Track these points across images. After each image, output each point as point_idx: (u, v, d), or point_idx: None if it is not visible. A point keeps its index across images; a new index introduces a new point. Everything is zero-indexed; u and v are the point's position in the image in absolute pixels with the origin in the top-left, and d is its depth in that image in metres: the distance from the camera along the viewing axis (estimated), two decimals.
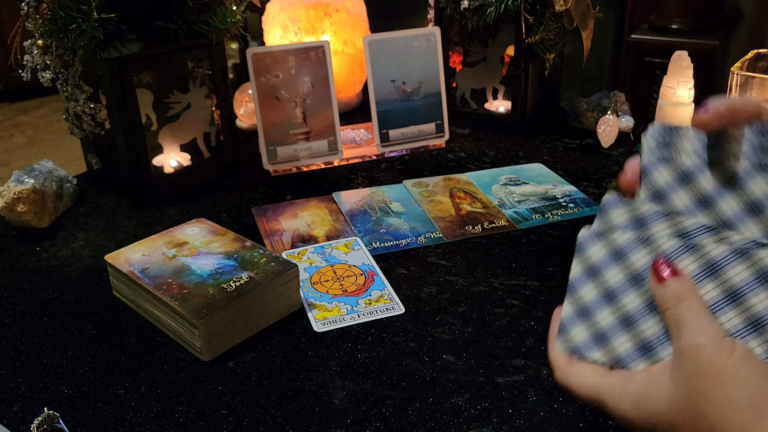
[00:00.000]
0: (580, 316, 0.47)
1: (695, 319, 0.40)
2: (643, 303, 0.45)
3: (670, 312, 0.42)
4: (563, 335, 0.47)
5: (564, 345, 0.47)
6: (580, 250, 0.48)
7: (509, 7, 1.02)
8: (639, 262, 0.45)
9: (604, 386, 0.44)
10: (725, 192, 0.43)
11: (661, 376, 0.41)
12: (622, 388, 0.42)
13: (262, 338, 0.65)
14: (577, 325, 0.47)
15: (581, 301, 0.47)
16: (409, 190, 0.94)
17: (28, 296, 0.73)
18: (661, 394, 0.40)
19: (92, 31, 0.80)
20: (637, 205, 0.46)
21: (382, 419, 0.54)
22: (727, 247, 0.42)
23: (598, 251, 0.47)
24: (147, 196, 0.93)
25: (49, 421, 0.54)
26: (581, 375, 0.45)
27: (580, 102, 1.13)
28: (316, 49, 1.00)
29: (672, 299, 0.42)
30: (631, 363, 0.44)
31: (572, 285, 0.48)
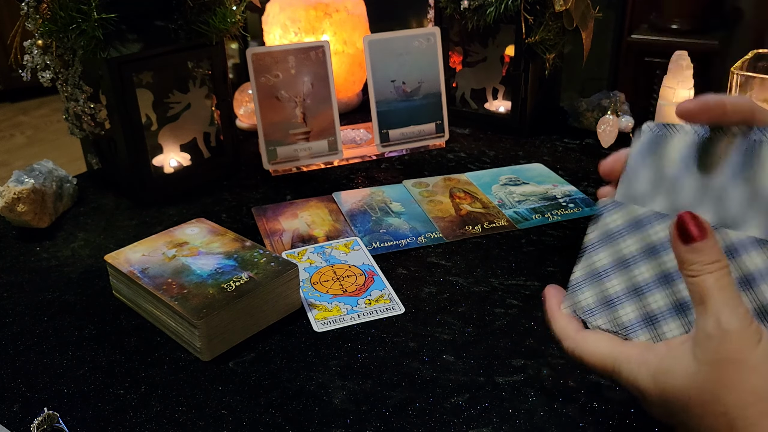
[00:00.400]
0: (591, 281, 0.47)
1: (722, 296, 0.38)
2: (653, 276, 0.44)
3: (696, 280, 0.39)
4: (572, 297, 0.47)
5: (570, 307, 0.47)
6: (599, 215, 0.48)
7: (509, 7, 1.02)
8: (656, 236, 0.45)
9: (622, 355, 0.43)
10: (704, 202, 0.43)
11: (683, 352, 0.40)
12: (641, 358, 0.41)
13: (262, 338, 0.65)
14: (587, 290, 0.47)
15: (594, 266, 0.47)
16: (409, 190, 0.94)
17: (28, 296, 0.73)
18: (682, 370, 0.39)
19: (92, 31, 0.80)
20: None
21: (382, 419, 0.54)
22: (747, 236, 0.42)
23: (617, 219, 0.47)
24: (147, 196, 0.93)
25: (49, 421, 0.54)
26: (595, 343, 0.44)
27: (580, 102, 1.13)
28: (316, 49, 1.00)
29: (698, 267, 0.40)
30: (632, 333, 0.45)
31: (587, 249, 0.48)
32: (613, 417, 0.54)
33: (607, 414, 0.54)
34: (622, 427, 0.53)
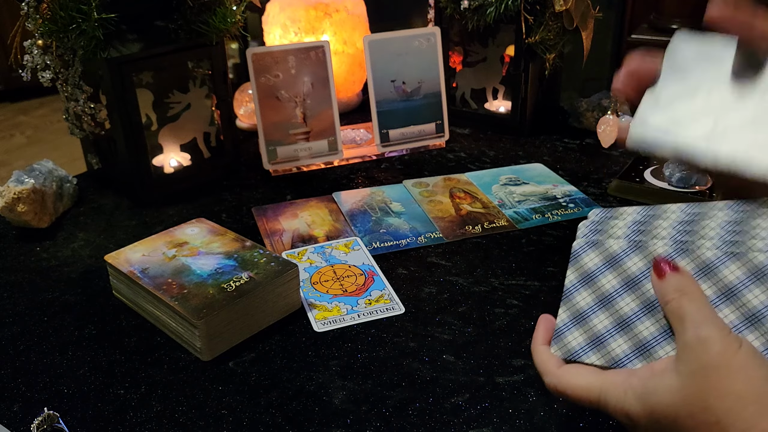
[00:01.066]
0: (576, 322, 0.47)
1: (699, 311, 0.40)
2: (639, 305, 0.45)
3: (672, 305, 0.41)
4: (558, 341, 0.47)
5: (560, 350, 0.47)
6: (574, 258, 0.49)
7: (509, 7, 1.02)
8: (634, 267, 0.46)
9: (606, 383, 0.43)
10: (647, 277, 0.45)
11: (665, 370, 0.40)
12: (626, 384, 0.42)
13: (262, 338, 0.65)
14: (573, 331, 0.47)
15: (576, 307, 0.48)
16: (409, 190, 0.94)
17: (28, 296, 0.73)
18: (667, 387, 0.39)
19: (92, 31, 0.80)
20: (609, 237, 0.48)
21: (382, 419, 0.54)
22: (718, 251, 0.43)
23: (593, 259, 0.48)
24: (147, 196, 0.93)
25: (49, 421, 0.54)
26: (577, 376, 0.45)
27: (580, 102, 1.13)
28: (316, 49, 1.00)
29: (673, 292, 0.41)
30: (629, 363, 0.45)
31: (567, 292, 0.48)
32: (613, 417, 0.54)
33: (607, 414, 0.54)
34: (622, 427, 0.53)
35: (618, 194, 0.90)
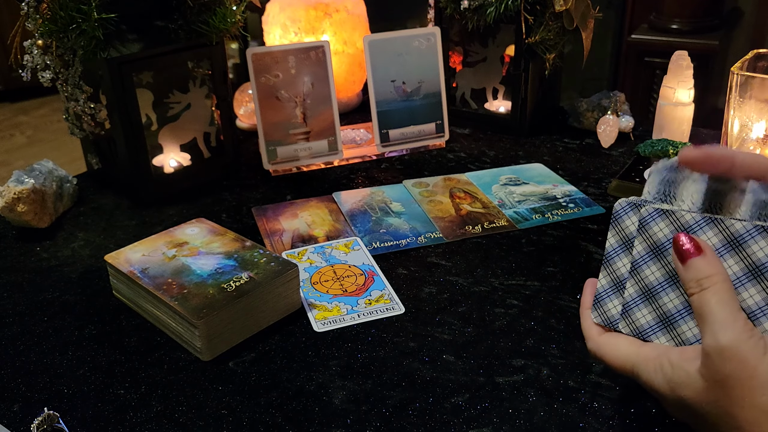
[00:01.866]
0: (616, 289, 0.47)
1: (719, 310, 0.39)
2: (663, 276, 0.44)
3: (694, 298, 0.41)
4: (598, 307, 0.48)
5: (599, 317, 0.47)
6: (616, 219, 0.47)
7: (509, 7, 1.02)
8: (660, 233, 0.44)
9: (640, 359, 0.44)
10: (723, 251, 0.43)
11: (691, 367, 0.40)
12: (657, 364, 0.42)
13: (262, 338, 0.65)
14: (613, 298, 0.47)
15: (617, 273, 0.47)
16: (409, 190, 0.94)
17: (28, 296, 0.73)
18: (693, 384, 0.40)
19: (92, 31, 0.80)
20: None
21: (382, 419, 0.54)
22: (748, 223, 0.41)
23: (633, 222, 0.46)
24: (147, 196, 0.93)
25: (49, 421, 0.54)
26: (615, 346, 0.46)
27: (580, 102, 1.13)
28: (316, 49, 1.00)
29: (694, 284, 0.40)
30: (653, 335, 0.45)
31: (608, 256, 0.48)
32: (613, 417, 0.54)
33: (607, 414, 0.54)
34: (622, 427, 0.53)
35: (618, 194, 0.90)
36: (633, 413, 0.54)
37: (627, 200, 0.47)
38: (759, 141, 0.94)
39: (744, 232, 0.41)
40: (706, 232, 0.42)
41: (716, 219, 0.42)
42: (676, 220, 0.44)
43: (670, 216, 0.44)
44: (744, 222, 0.41)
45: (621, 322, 0.46)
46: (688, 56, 1.02)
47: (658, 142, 1.00)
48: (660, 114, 1.04)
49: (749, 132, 0.94)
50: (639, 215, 0.46)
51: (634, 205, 0.46)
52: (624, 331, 0.46)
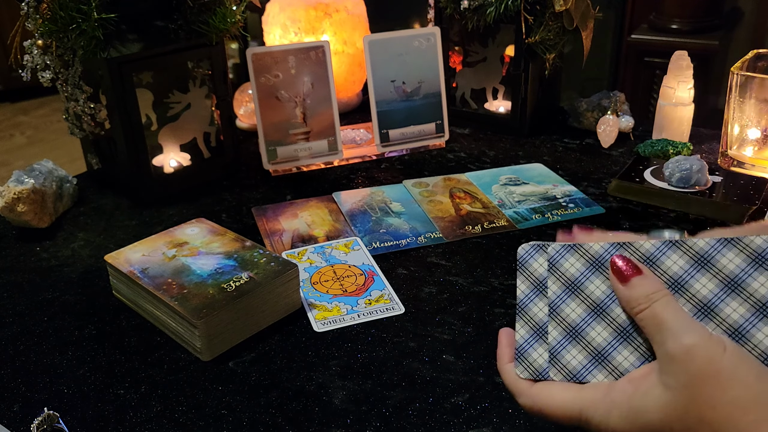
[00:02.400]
0: (537, 336, 0.44)
1: (675, 317, 0.38)
2: (585, 310, 0.43)
3: (645, 314, 0.39)
4: (522, 360, 0.44)
5: (526, 371, 0.44)
6: (522, 265, 0.46)
7: (509, 7, 1.02)
8: (572, 269, 0.44)
9: (585, 402, 0.40)
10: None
11: (649, 385, 0.38)
12: (607, 402, 0.39)
13: (262, 338, 0.65)
14: (536, 347, 0.44)
15: (534, 320, 0.45)
16: (409, 190, 0.94)
17: (28, 296, 0.73)
18: (655, 403, 0.37)
19: (92, 31, 0.80)
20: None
21: (382, 419, 0.54)
22: (657, 242, 0.41)
23: (541, 264, 0.45)
24: (147, 196, 0.93)
25: (49, 421, 0.54)
26: (552, 394, 0.42)
27: (580, 102, 1.13)
28: (316, 49, 1.00)
29: (643, 299, 0.40)
30: (588, 375, 0.42)
31: (522, 304, 0.45)
32: None
33: None
34: None
35: (618, 194, 0.90)
36: None
37: (530, 244, 0.45)
38: (759, 141, 0.94)
39: (709, 248, 0.40)
40: (670, 256, 0.41)
41: (624, 244, 0.42)
42: (585, 252, 0.43)
43: (578, 249, 0.43)
44: (706, 239, 0.40)
45: (551, 369, 0.43)
46: (688, 56, 1.02)
47: (658, 142, 1.00)
48: (660, 114, 1.04)
49: (749, 132, 0.94)
50: (546, 255, 0.45)
51: (538, 247, 0.45)
52: (556, 378, 0.43)
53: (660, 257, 0.41)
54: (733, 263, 0.39)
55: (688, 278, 0.40)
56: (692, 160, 0.87)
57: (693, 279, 0.40)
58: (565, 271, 0.44)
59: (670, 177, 0.87)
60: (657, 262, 0.41)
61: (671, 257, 0.41)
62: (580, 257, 0.44)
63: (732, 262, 0.39)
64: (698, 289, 0.40)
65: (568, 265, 0.44)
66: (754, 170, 0.92)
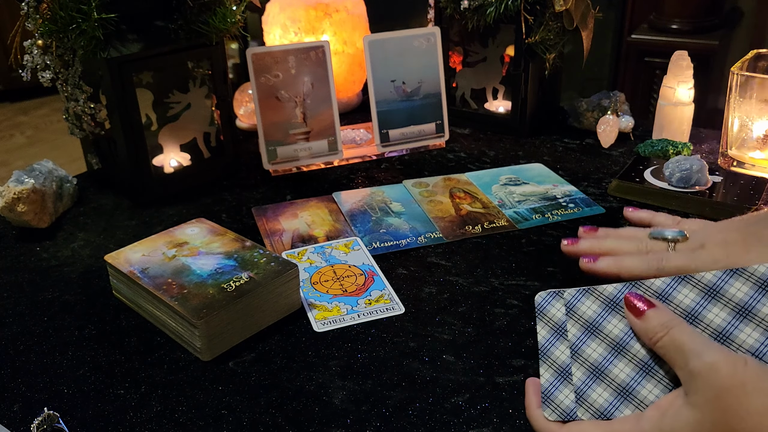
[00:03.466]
0: (562, 378, 0.46)
1: (694, 340, 0.40)
2: (605, 349, 0.44)
3: (664, 341, 0.41)
4: (549, 403, 0.46)
5: (555, 413, 0.45)
6: (541, 311, 0.48)
7: (509, 7, 1.02)
8: (589, 311, 0.46)
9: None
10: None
11: (675, 407, 0.39)
12: (638, 431, 0.41)
13: (262, 338, 0.65)
14: (562, 389, 0.46)
15: (558, 363, 0.46)
16: (409, 190, 0.94)
17: (28, 296, 0.73)
18: (685, 422, 0.38)
19: (92, 31, 0.80)
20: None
21: (382, 419, 0.54)
22: (667, 278, 0.43)
23: (559, 309, 0.47)
24: (147, 196, 0.93)
25: (49, 421, 0.54)
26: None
27: (580, 102, 1.13)
28: (316, 49, 1.00)
29: (660, 328, 0.41)
30: (615, 411, 0.43)
31: (543, 349, 0.47)
32: None
33: None
34: None
35: (618, 194, 0.90)
36: None
37: (546, 292, 0.48)
38: (759, 141, 0.94)
39: (717, 279, 0.42)
40: (680, 291, 0.43)
41: (636, 283, 0.44)
42: (600, 294, 0.46)
43: (593, 293, 0.46)
44: (713, 271, 0.43)
45: (578, 409, 0.45)
46: (688, 56, 1.02)
47: (658, 142, 1.00)
48: (660, 114, 1.04)
49: (749, 132, 0.94)
50: (563, 300, 0.47)
51: (555, 294, 0.48)
52: (584, 417, 0.44)
53: (671, 292, 0.43)
54: (741, 292, 0.41)
55: (701, 309, 0.42)
56: (692, 160, 0.87)
57: (705, 310, 0.42)
58: (583, 314, 0.46)
59: (670, 177, 0.87)
60: (669, 297, 0.43)
61: (682, 291, 0.43)
62: (595, 299, 0.46)
63: (740, 291, 0.41)
64: (712, 319, 0.42)
65: (585, 308, 0.46)
66: (754, 170, 0.92)
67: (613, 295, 0.45)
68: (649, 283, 0.44)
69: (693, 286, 0.43)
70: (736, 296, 0.41)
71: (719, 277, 0.42)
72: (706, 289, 0.42)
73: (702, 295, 0.42)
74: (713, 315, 0.42)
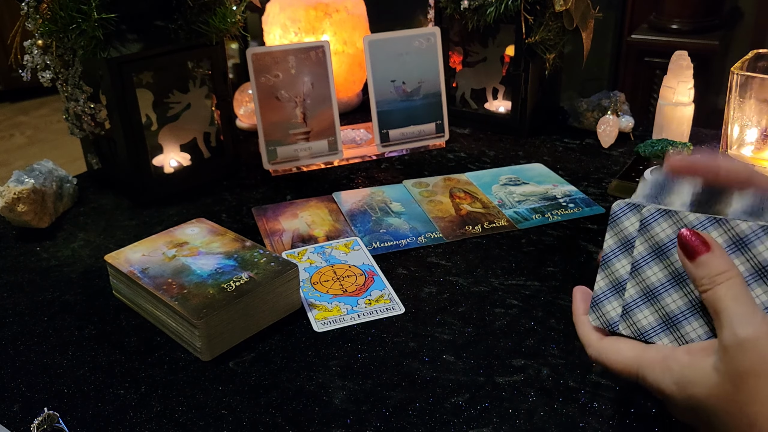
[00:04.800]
0: (615, 291, 0.46)
1: (736, 305, 0.38)
2: (666, 276, 0.44)
3: (707, 294, 0.40)
4: (597, 310, 0.47)
5: (599, 320, 0.46)
6: (614, 220, 0.46)
7: (509, 7, 1.02)
8: (662, 234, 0.44)
9: (644, 361, 0.43)
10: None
11: (704, 362, 0.40)
12: (664, 365, 0.42)
13: (262, 338, 0.65)
14: (612, 300, 0.46)
15: (615, 275, 0.46)
16: (409, 190, 0.94)
17: (28, 296, 0.73)
18: (704, 380, 0.39)
19: (92, 31, 0.80)
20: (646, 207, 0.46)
21: (382, 419, 0.54)
22: (753, 224, 0.40)
23: (633, 223, 0.46)
24: (147, 196, 0.93)
25: (49, 421, 0.54)
26: (617, 350, 0.45)
27: (580, 102, 1.13)
28: (316, 49, 1.00)
29: (707, 281, 0.40)
30: (655, 337, 0.44)
31: (606, 258, 0.47)
32: (613, 417, 0.54)
33: (607, 414, 0.54)
34: (622, 427, 0.53)
35: (618, 194, 0.90)
36: (633, 413, 0.54)
37: (625, 201, 0.46)
38: (759, 141, 0.94)
39: (750, 232, 0.40)
40: (711, 232, 0.42)
41: (721, 220, 0.42)
42: (679, 220, 0.43)
43: (673, 216, 0.44)
44: (749, 222, 0.40)
45: (621, 323, 0.46)
46: (688, 56, 1.02)
47: (658, 142, 1.00)
48: (660, 114, 1.04)
49: (749, 132, 0.94)
50: (640, 216, 0.45)
51: (633, 206, 0.46)
52: (625, 333, 0.45)
53: (753, 241, 0.40)
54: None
55: (754, 238, 0.40)
56: None
57: (758, 240, 0.40)
58: (655, 234, 0.44)
59: None
60: (749, 245, 0.41)
61: (765, 242, 0.40)
62: (673, 224, 0.44)
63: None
64: (761, 251, 0.40)
65: (659, 230, 0.44)
66: None
67: (692, 225, 0.43)
68: (734, 224, 0.41)
69: (724, 231, 0.41)
70: (762, 254, 0.40)
71: (753, 231, 0.40)
72: (736, 238, 0.40)
73: (729, 243, 0.41)
74: (764, 248, 0.40)
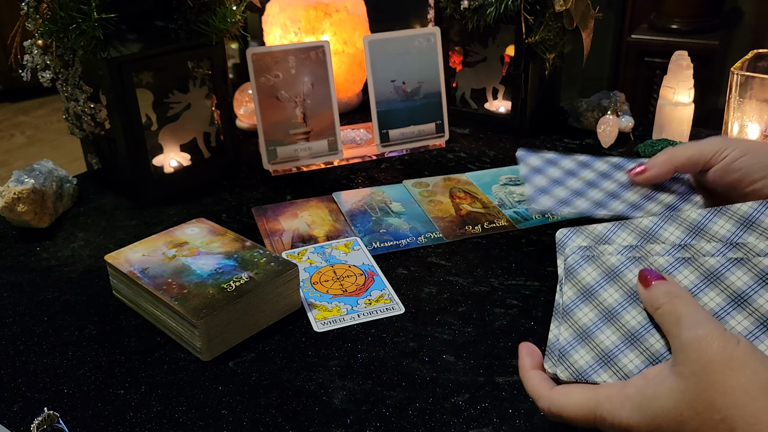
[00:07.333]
0: (581, 339, 0.46)
1: (693, 312, 0.40)
2: (645, 318, 0.45)
3: (664, 308, 0.41)
4: (563, 361, 0.46)
5: (567, 371, 0.46)
6: (570, 274, 0.49)
7: (509, 7, 1.02)
8: (588, 278, 0.47)
9: (600, 398, 0.42)
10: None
11: (661, 375, 0.40)
12: (621, 396, 0.41)
13: (262, 338, 0.65)
14: (579, 349, 0.46)
15: (579, 324, 0.47)
16: (409, 190, 0.94)
17: (28, 296, 0.73)
18: (666, 391, 0.39)
19: (92, 31, 0.80)
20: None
21: (382, 419, 0.54)
22: (722, 257, 0.43)
23: (590, 273, 0.48)
24: (147, 196, 0.93)
25: (49, 421, 0.54)
26: (569, 396, 0.44)
27: (580, 102, 1.13)
28: (316, 49, 1.00)
29: (663, 297, 0.42)
30: (593, 375, 0.45)
31: (567, 309, 0.48)
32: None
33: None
34: None
35: None
36: None
37: (580, 254, 0.49)
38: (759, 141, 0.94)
39: (719, 266, 0.43)
40: (681, 271, 0.44)
41: (689, 258, 0.45)
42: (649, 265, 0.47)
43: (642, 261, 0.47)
44: (717, 257, 0.43)
45: (602, 371, 0.45)
46: (688, 56, 1.02)
47: (658, 142, 1.00)
48: (660, 114, 1.04)
49: (749, 132, 0.94)
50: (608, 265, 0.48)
51: (589, 258, 0.49)
52: (609, 379, 0.45)
53: (724, 273, 0.44)
54: (741, 280, 0.43)
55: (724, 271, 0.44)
56: None
57: (741, 238, 0.44)
58: (582, 279, 0.48)
59: None
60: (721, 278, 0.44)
61: (718, 223, 0.45)
62: (597, 267, 0.48)
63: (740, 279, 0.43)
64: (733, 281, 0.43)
65: (585, 274, 0.48)
66: None
67: (663, 268, 0.45)
68: (703, 261, 0.44)
69: (694, 269, 0.44)
70: (735, 284, 0.43)
71: (722, 264, 0.43)
72: (707, 273, 0.43)
73: (701, 279, 0.43)
74: (708, 299, 0.43)
